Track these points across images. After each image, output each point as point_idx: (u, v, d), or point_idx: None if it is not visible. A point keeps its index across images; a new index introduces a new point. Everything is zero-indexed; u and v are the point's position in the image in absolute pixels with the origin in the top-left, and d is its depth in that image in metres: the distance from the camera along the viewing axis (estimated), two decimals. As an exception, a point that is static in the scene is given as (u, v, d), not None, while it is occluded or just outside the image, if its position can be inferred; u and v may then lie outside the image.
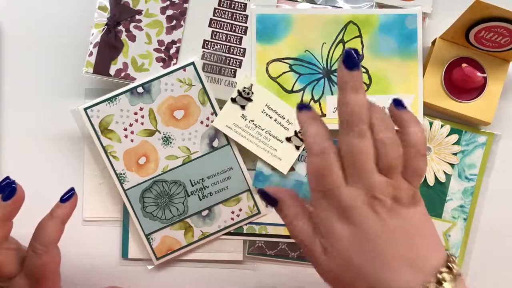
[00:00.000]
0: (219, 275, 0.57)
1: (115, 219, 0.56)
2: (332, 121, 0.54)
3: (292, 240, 0.56)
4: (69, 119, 0.57)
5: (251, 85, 0.54)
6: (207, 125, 0.55)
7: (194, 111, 0.54)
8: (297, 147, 0.55)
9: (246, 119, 0.54)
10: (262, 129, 0.55)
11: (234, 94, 0.54)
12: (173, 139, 0.54)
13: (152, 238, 0.55)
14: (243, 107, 0.54)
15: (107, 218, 0.56)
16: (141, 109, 0.54)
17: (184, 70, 0.54)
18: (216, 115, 0.54)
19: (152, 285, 0.57)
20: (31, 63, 0.57)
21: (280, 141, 0.55)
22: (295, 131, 0.55)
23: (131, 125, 0.54)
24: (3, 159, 0.57)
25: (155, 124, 0.54)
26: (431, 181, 0.56)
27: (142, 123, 0.54)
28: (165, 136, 0.54)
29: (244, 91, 0.54)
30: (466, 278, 0.57)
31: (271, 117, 0.55)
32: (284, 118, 0.55)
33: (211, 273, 0.57)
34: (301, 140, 0.55)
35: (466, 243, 0.57)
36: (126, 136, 0.54)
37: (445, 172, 0.56)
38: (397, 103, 0.40)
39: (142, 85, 0.54)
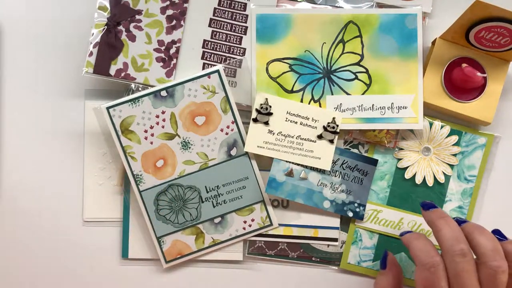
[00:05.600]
0: (219, 275, 0.57)
1: (115, 219, 0.56)
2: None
3: (292, 240, 0.56)
4: (69, 119, 0.57)
5: (266, 99, 0.54)
6: (226, 133, 0.55)
7: (215, 118, 0.54)
8: (331, 141, 0.55)
9: (273, 133, 0.54)
10: (292, 136, 0.54)
11: (254, 114, 0.54)
12: (192, 145, 0.54)
13: (163, 241, 0.55)
14: (266, 123, 0.54)
15: (107, 218, 0.56)
16: (163, 112, 0.54)
17: (209, 77, 0.54)
18: (237, 124, 0.54)
19: (151, 284, 0.57)
20: (31, 63, 0.57)
21: (312, 141, 0.55)
22: (323, 126, 0.54)
23: (152, 127, 0.54)
24: (3, 159, 0.57)
25: (176, 128, 0.54)
26: (430, 182, 0.56)
27: (163, 126, 0.54)
28: (184, 141, 0.54)
29: (262, 108, 0.54)
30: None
31: (296, 122, 0.55)
32: (308, 118, 0.54)
33: (211, 273, 0.57)
34: (332, 132, 0.54)
35: (465, 243, 0.57)
36: (146, 138, 0.54)
37: (444, 173, 0.56)
38: (461, 221, 0.47)
39: (166, 88, 0.54)
